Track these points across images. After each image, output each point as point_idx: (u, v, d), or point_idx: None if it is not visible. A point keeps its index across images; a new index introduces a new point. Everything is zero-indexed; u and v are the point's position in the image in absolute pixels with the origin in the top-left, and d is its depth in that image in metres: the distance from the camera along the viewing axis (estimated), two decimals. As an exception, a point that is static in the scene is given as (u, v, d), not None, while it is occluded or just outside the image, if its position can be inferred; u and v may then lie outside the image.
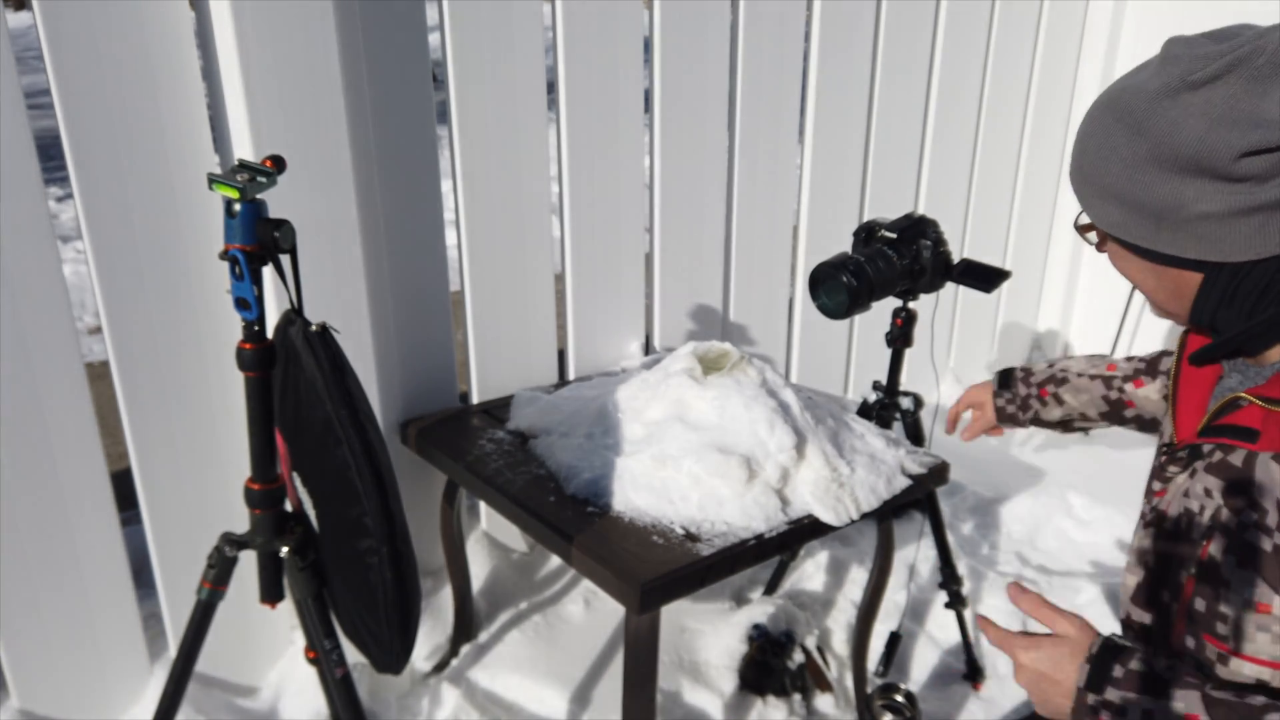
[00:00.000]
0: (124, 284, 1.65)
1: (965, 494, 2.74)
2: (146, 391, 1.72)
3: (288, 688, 1.94)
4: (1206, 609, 1.00)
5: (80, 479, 1.70)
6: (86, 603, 1.76)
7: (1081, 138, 1.01)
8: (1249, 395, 0.99)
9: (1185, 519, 1.04)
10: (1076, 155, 1.02)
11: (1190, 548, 1.03)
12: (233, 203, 1.21)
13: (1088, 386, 1.48)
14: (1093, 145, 0.99)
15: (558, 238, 2.22)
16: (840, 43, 2.57)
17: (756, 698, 2.00)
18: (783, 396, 1.70)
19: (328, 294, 1.79)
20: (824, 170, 2.69)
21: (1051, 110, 3.26)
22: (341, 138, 1.73)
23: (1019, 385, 1.57)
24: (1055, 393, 1.51)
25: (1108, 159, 0.97)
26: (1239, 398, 1.00)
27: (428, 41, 1.90)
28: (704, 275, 2.50)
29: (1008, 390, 1.57)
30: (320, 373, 1.22)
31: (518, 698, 1.96)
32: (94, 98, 1.55)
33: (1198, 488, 1.02)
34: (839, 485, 1.62)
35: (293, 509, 1.45)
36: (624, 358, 2.39)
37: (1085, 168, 1.01)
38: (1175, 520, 1.05)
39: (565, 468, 1.68)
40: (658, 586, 1.42)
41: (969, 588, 2.33)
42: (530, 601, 2.18)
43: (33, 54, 7.32)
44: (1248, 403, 0.99)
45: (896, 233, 1.83)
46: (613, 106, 2.16)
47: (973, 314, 3.31)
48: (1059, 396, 1.50)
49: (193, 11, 1.63)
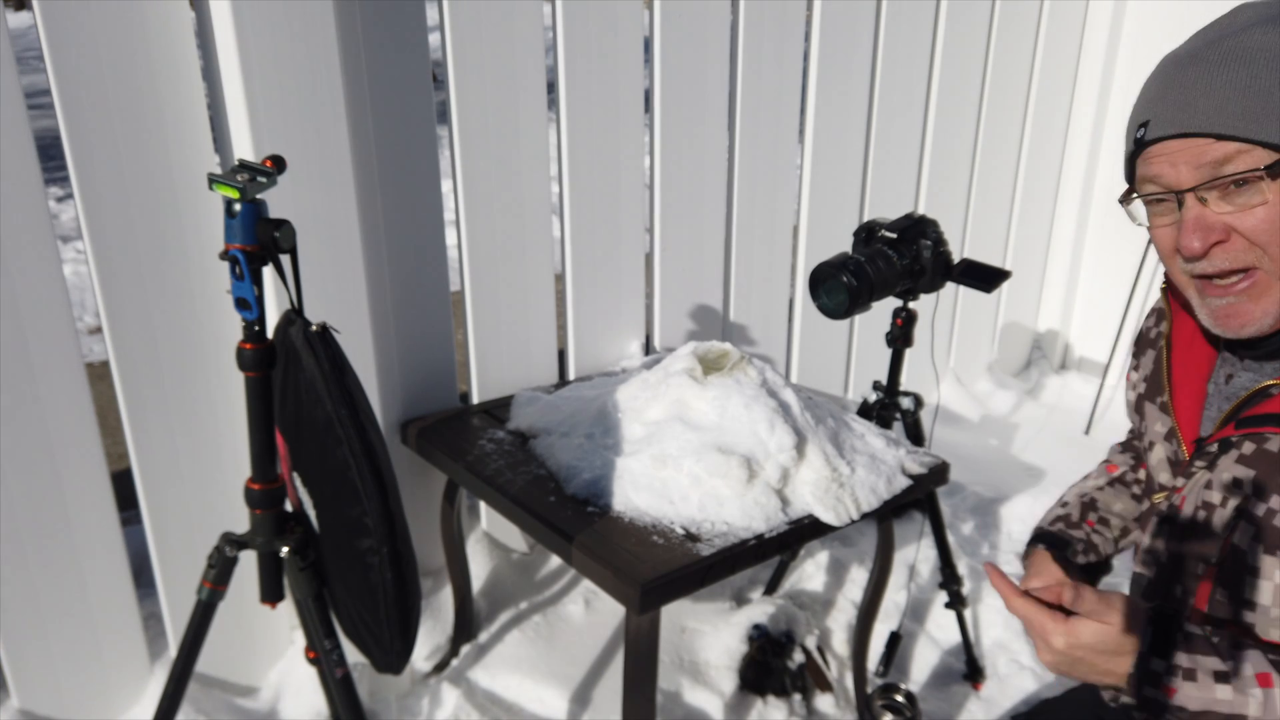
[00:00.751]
0: (124, 284, 1.65)
1: (965, 494, 2.74)
2: (147, 391, 1.72)
3: (288, 688, 1.94)
4: (1230, 597, 1.00)
5: (80, 479, 1.70)
6: (86, 603, 1.76)
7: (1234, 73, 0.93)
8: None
9: (1204, 513, 1.03)
10: (1235, 87, 0.92)
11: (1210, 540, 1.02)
12: (233, 203, 1.21)
13: (1113, 494, 1.33)
14: (1264, 73, 0.92)
15: (558, 238, 2.22)
16: (840, 43, 2.57)
17: (756, 698, 2.00)
18: (783, 396, 1.70)
19: (328, 294, 1.79)
20: (824, 170, 2.69)
21: (1052, 110, 3.26)
22: (341, 138, 1.73)
23: (1066, 531, 1.29)
24: (1100, 516, 1.31)
25: None
26: (1269, 387, 1.00)
27: (428, 41, 1.90)
28: (704, 275, 2.50)
29: (1059, 546, 1.28)
30: (320, 372, 1.22)
31: (518, 698, 1.96)
32: (94, 98, 1.55)
33: (1223, 479, 1.01)
34: (839, 485, 1.62)
35: (293, 509, 1.45)
36: (624, 358, 2.39)
37: (1264, 91, 0.91)
38: (1192, 515, 1.05)
39: (565, 468, 1.68)
40: (658, 586, 1.42)
41: (969, 588, 2.33)
42: (530, 601, 2.18)
43: (33, 54, 7.30)
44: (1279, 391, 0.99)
45: (896, 233, 1.83)
46: (613, 106, 2.16)
47: (973, 314, 3.32)
48: (1104, 519, 1.31)
49: (193, 11, 1.63)
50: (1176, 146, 0.96)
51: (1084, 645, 0.94)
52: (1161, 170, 0.98)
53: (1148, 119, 0.99)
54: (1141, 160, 1.01)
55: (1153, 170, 0.99)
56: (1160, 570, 1.09)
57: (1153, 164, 0.99)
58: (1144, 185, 1.02)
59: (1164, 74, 1.00)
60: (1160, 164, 0.98)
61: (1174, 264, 1.03)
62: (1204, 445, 1.06)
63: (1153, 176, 0.99)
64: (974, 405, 3.28)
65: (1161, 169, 0.98)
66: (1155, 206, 1.02)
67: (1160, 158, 0.98)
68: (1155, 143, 0.98)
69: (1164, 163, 0.98)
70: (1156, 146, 0.98)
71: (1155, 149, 0.98)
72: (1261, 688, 0.88)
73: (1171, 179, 0.97)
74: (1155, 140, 0.98)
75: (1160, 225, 1.02)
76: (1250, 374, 1.06)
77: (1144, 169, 1.01)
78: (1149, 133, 0.99)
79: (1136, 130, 1.01)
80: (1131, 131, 1.03)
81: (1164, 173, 0.98)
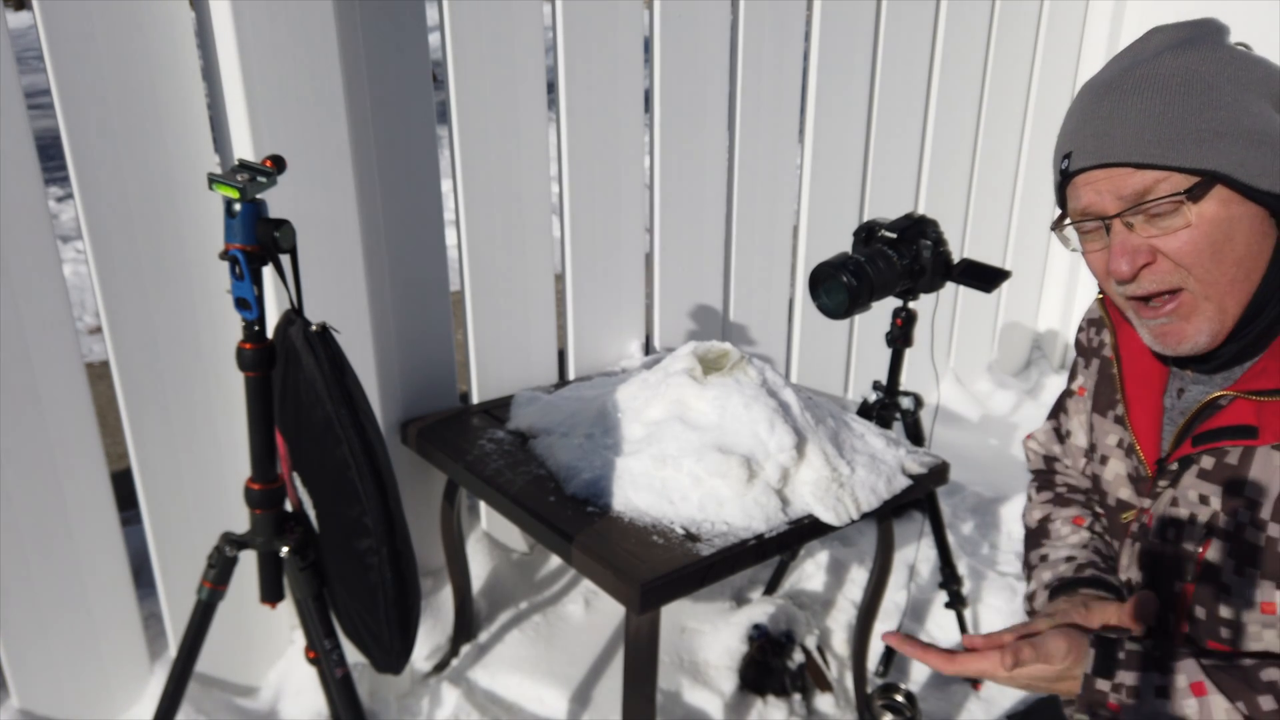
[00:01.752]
0: (124, 284, 1.65)
1: (965, 494, 2.74)
2: (146, 391, 1.72)
3: (288, 687, 1.94)
4: (1208, 615, 1.01)
5: (80, 479, 1.70)
6: (87, 602, 1.76)
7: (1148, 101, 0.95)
8: (1233, 393, 0.99)
9: (1174, 530, 1.04)
10: (1149, 115, 0.95)
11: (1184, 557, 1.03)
12: (233, 203, 1.21)
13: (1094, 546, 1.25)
14: (1176, 99, 0.94)
15: (558, 238, 2.22)
16: (840, 43, 2.57)
17: (756, 698, 2.00)
18: (783, 396, 1.70)
19: (328, 294, 1.79)
20: (824, 170, 2.69)
21: (1052, 110, 3.26)
22: (341, 138, 1.73)
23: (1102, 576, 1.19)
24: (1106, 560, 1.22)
25: (1206, 104, 0.93)
26: (1219, 398, 1.01)
27: (428, 41, 1.90)
28: (704, 275, 2.50)
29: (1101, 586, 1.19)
30: (320, 373, 1.22)
31: (518, 698, 1.96)
32: (94, 98, 1.55)
33: (1188, 496, 1.02)
34: (839, 485, 1.62)
35: (293, 509, 1.45)
36: (624, 358, 2.39)
37: (1177, 118, 0.94)
38: (1164, 534, 1.06)
39: (565, 468, 1.68)
40: (658, 586, 1.42)
41: (969, 588, 2.33)
42: (530, 601, 2.18)
43: (33, 54, 7.30)
44: (1230, 400, 0.99)
45: (896, 233, 1.83)
46: (613, 106, 2.16)
47: (973, 314, 3.31)
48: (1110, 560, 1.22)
49: (193, 11, 1.63)
50: (1099, 176, 0.98)
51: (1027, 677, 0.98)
52: (1089, 200, 1.00)
53: (1070, 150, 1.02)
54: (1070, 189, 1.03)
55: (1082, 201, 1.01)
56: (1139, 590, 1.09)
57: (1080, 193, 1.01)
58: (1074, 214, 1.04)
59: (1082, 104, 1.02)
60: (1087, 193, 1.00)
61: (1109, 286, 1.05)
62: (1165, 464, 1.07)
63: (1082, 207, 1.02)
64: (974, 405, 3.28)
65: (1089, 198, 1.00)
66: (1086, 233, 1.04)
67: (1086, 187, 1.00)
68: (1079, 173, 1.01)
69: (1090, 191, 1.00)
70: (1081, 176, 1.01)
71: (1080, 179, 1.01)
72: (1196, 697, 0.91)
73: (1098, 207, 0.99)
74: (1079, 171, 1.00)
75: (1092, 250, 1.04)
76: (1201, 387, 1.06)
77: (1073, 199, 1.03)
78: (1072, 164, 1.01)
79: (1061, 161, 1.04)
80: (1057, 162, 1.05)
81: (1091, 202, 1.00)
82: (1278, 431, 0.95)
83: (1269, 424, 0.96)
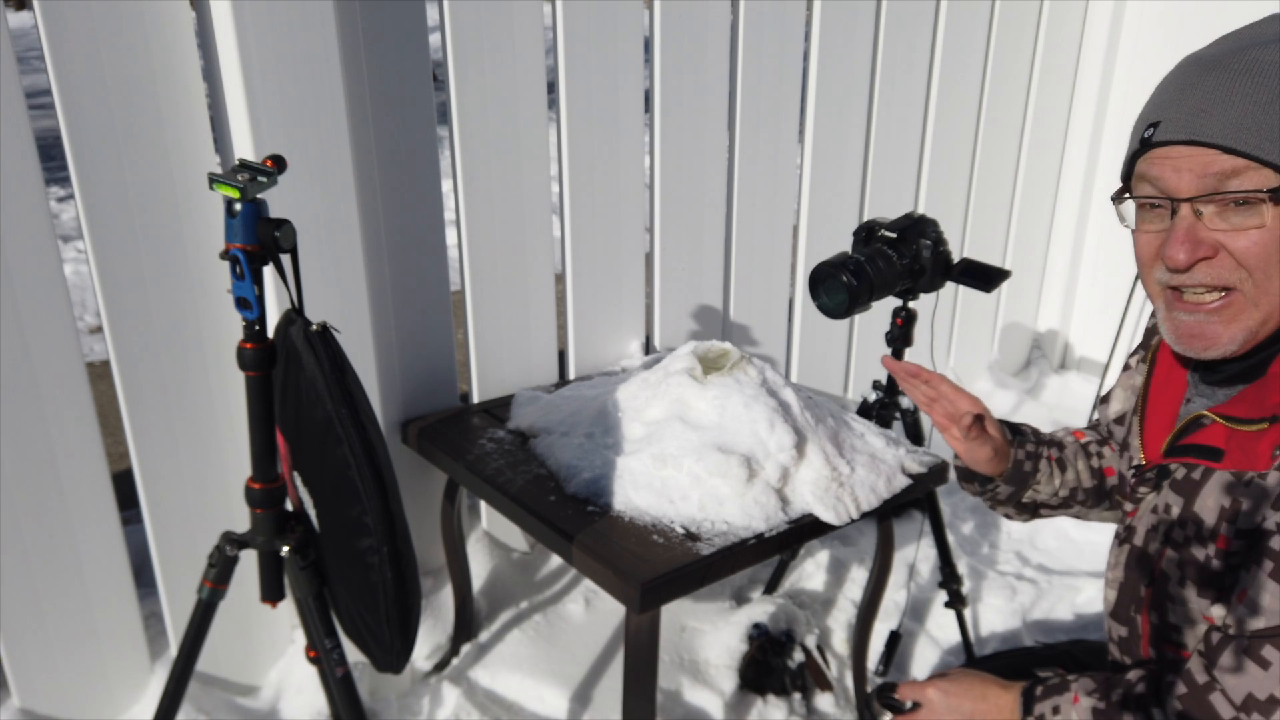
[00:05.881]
0: (124, 284, 1.65)
1: (965, 493, 2.74)
2: (147, 391, 1.72)
3: (288, 687, 1.94)
4: (1160, 621, 1.03)
5: (81, 478, 1.70)
6: (87, 602, 1.76)
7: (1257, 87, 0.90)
8: (1213, 414, 0.99)
9: (1149, 537, 1.06)
10: (1256, 102, 0.89)
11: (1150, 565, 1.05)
12: (233, 202, 1.21)
13: (1077, 452, 1.31)
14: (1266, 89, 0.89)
15: (558, 238, 2.22)
16: (840, 43, 2.57)
17: (756, 697, 2.00)
18: (783, 396, 1.71)
19: (328, 294, 1.79)
20: (824, 170, 2.69)
21: (1051, 110, 3.26)
22: (342, 138, 1.73)
23: (1029, 439, 1.29)
24: (1059, 457, 1.29)
25: None
26: (1202, 417, 1.00)
27: (428, 41, 1.90)
28: (704, 275, 2.50)
29: (1019, 439, 1.28)
30: (320, 372, 1.23)
31: (518, 697, 1.96)
32: (94, 98, 1.55)
33: (1162, 504, 1.03)
34: (839, 484, 1.63)
35: (293, 508, 1.45)
36: (624, 358, 2.39)
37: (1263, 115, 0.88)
38: (1144, 539, 1.07)
39: (565, 467, 1.69)
40: (658, 586, 1.42)
41: (969, 587, 2.34)
42: (530, 601, 2.18)
43: (33, 54, 7.32)
44: (1211, 421, 0.99)
45: (896, 232, 1.84)
46: (613, 106, 2.16)
47: (973, 314, 3.32)
48: (1062, 462, 1.29)
49: (193, 11, 1.63)
50: (1185, 152, 0.93)
51: None
52: (1163, 173, 0.94)
53: (1159, 119, 0.95)
54: (1145, 161, 0.97)
55: (1154, 171, 0.95)
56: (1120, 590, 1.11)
57: (1155, 166, 0.95)
58: (1141, 185, 0.98)
59: (1183, 76, 0.96)
60: (1163, 167, 0.94)
61: (1150, 272, 1.00)
62: (1143, 471, 1.08)
63: (1153, 178, 0.96)
64: (974, 405, 3.28)
65: (1164, 172, 0.94)
66: (1147, 211, 0.98)
67: (1165, 161, 0.94)
68: (1162, 145, 0.95)
69: (1168, 167, 0.94)
70: (1163, 150, 0.95)
71: (1161, 152, 0.95)
72: (1073, 704, 1.01)
73: (1172, 184, 0.94)
74: (1163, 143, 0.94)
75: (1147, 230, 0.99)
76: (1204, 399, 1.04)
77: (1145, 168, 0.97)
78: (1158, 134, 0.95)
79: (1145, 129, 0.97)
80: (1139, 130, 0.99)
81: (1165, 176, 0.94)
82: (1238, 461, 0.94)
83: (1234, 451, 0.95)
